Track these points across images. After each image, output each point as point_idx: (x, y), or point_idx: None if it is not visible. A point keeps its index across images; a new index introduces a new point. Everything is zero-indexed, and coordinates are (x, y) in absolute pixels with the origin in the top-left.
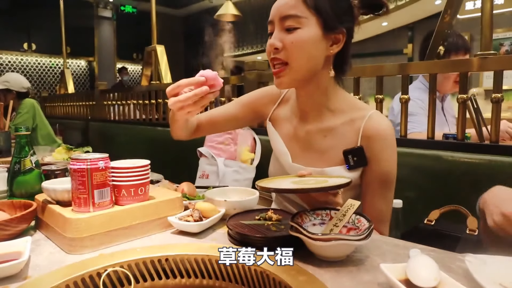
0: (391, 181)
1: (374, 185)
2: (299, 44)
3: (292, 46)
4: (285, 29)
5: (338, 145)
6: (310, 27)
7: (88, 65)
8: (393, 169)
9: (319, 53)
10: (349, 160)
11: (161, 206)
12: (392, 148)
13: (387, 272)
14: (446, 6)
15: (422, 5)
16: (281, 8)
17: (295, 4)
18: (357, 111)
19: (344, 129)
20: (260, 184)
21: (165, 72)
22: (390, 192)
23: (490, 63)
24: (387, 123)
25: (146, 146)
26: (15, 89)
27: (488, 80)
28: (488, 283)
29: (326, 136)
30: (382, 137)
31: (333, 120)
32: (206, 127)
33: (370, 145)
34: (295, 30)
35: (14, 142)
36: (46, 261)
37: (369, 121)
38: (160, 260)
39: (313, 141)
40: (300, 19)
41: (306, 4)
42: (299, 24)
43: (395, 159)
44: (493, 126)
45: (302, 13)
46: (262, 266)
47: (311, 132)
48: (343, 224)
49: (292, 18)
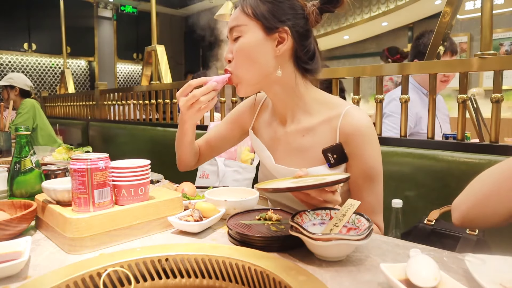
0: (376, 174)
1: (359, 181)
2: (242, 51)
3: (237, 55)
4: (233, 40)
5: (317, 144)
6: (250, 33)
7: (88, 65)
8: (376, 163)
9: (264, 55)
10: (329, 158)
11: (161, 206)
12: (371, 142)
13: (387, 272)
14: (446, 6)
15: (422, 5)
16: (229, 22)
17: (237, 15)
18: (332, 108)
19: (321, 128)
20: (259, 186)
21: (165, 72)
22: (377, 185)
23: (490, 63)
24: (364, 118)
25: (146, 146)
26: (18, 86)
27: (488, 80)
28: (488, 283)
29: (304, 136)
30: (360, 133)
31: (310, 120)
32: (206, 152)
33: (349, 142)
34: (237, 39)
35: (15, 142)
36: (46, 261)
37: (345, 118)
38: (160, 260)
39: (293, 142)
40: (240, 27)
41: (244, 12)
42: (240, 32)
43: (378, 152)
44: (493, 126)
45: (242, 21)
46: (262, 266)
47: (290, 133)
48: (343, 224)
49: (235, 28)
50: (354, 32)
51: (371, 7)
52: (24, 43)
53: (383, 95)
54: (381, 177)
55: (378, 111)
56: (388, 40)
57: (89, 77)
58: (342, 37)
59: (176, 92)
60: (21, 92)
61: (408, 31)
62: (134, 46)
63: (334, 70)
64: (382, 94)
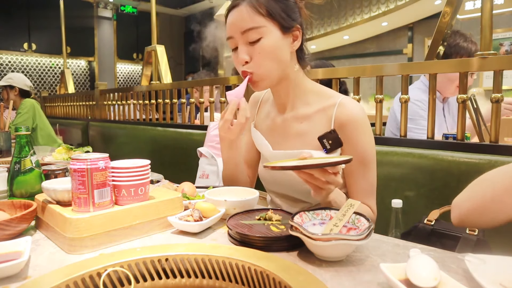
0: (370, 161)
1: (353, 167)
2: (266, 53)
3: (260, 56)
4: (248, 42)
5: (314, 130)
6: (270, 33)
7: (88, 65)
8: (370, 149)
9: (284, 53)
10: (325, 144)
11: (161, 206)
12: (365, 130)
13: (387, 272)
14: (446, 6)
15: (422, 5)
16: (239, 24)
17: (250, 16)
18: (327, 99)
19: (317, 116)
20: (267, 164)
21: (165, 72)
22: (370, 171)
23: (490, 63)
24: (357, 107)
25: (146, 146)
26: (18, 86)
27: (488, 80)
28: (488, 283)
29: (302, 122)
30: (354, 122)
31: (307, 109)
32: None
33: (344, 130)
34: (258, 41)
35: (15, 142)
36: (46, 261)
37: (340, 108)
38: (160, 260)
39: (290, 128)
40: (259, 29)
41: (260, 13)
42: (260, 34)
43: (371, 139)
44: (493, 126)
45: (259, 23)
46: (262, 266)
47: (287, 120)
48: (343, 224)
49: (252, 30)
50: (354, 32)
51: (371, 7)
52: (24, 43)
53: (383, 95)
54: (374, 163)
55: (378, 111)
56: (388, 40)
57: (89, 77)
58: (342, 37)
59: (176, 92)
60: (20, 92)
61: (408, 31)
62: (134, 46)
63: (334, 70)
64: (382, 94)
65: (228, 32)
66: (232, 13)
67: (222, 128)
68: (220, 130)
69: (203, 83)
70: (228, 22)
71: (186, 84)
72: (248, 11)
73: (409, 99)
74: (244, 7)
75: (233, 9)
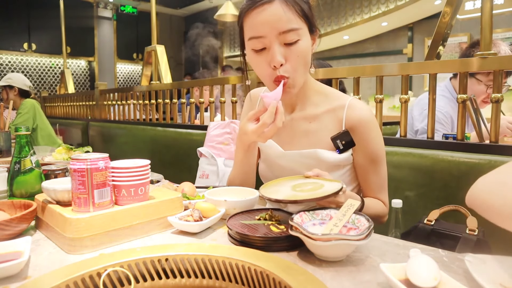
0: (381, 157)
1: (365, 165)
2: (302, 56)
3: (298, 60)
4: (284, 43)
5: (323, 129)
6: (305, 36)
7: (88, 65)
8: (380, 147)
9: (310, 57)
10: (338, 145)
11: (161, 206)
12: (375, 129)
13: (387, 272)
14: (446, 6)
15: (422, 5)
16: (275, 24)
17: (289, 16)
18: (335, 100)
19: (326, 116)
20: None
21: (165, 72)
22: (381, 167)
23: (490, 63)
24: (366, 109)
25: (146, 146)
26: (17, 86)
27: None
28: (488, 283)
29: (310, 122)
30: (365, 123)
31: (316, 109)
32: None
33: (355, 131)
34: (296, 42)
35: (15, 142)
36: (46, 261)
37: (350, 110)
38: (160, 260)
39: (298, 127)
40: (298, 31)
41: (297, 13)
42: (299, 36)
43: (380, 137)
44: (493, 126)
45: (298, 24)
46: (262, 266)
47: (296, 119)
48: (343, 224)
49: (293, 31)
50: (354, 32)
51: (371, 7)
52: (24, 43)
53: (383, 95)
54: (384, 159)
55: (378, 111)
56: (388, 40)
57: (89, 77)
58: (342, 37)
59: (176, 92)
60: (20, 92)
61: (408, 31)
62: (134, 46)
63: (334, 70)
64: (382, 94)
65: (258, 31)
66: (262, 10)
67: (256, 131)
68: (251, 133)
69: (203, 83)
70: (257, 21)
71: (186, 84)
72: (285, 10)
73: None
74: (279, 5)
75: (263, 6)
